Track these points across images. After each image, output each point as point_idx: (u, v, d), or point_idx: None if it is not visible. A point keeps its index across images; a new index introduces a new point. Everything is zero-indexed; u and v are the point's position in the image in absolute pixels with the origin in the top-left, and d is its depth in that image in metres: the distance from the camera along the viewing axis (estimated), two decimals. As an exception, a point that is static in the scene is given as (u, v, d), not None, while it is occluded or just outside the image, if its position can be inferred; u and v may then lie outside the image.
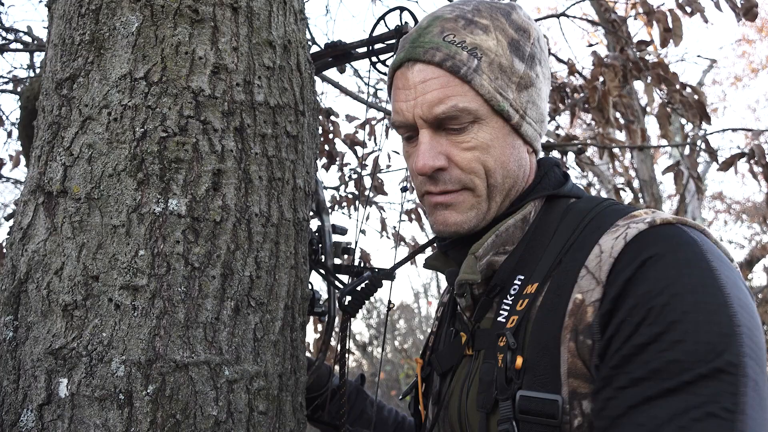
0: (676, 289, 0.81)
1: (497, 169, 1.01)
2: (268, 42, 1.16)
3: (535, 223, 1.03)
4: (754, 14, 2.84)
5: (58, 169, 1.04)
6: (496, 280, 1.00)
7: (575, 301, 0.88)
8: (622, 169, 9.37)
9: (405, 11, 1.38)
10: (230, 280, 1.04)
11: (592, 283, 0.88)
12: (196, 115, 1.06)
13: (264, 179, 1.11)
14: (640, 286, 0.83)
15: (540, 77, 1.06)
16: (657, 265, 0.84)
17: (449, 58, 0.99)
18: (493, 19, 1.03)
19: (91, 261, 0.99)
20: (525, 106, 1.03)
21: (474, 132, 1.00)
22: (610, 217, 0.95)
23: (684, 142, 3.55)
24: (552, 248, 0.97)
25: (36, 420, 0.94)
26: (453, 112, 0.98)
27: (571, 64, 3.42)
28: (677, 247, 0.85)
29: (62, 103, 1.08)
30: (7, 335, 1.01)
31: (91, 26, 1.08)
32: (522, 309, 0.93)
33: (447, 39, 1.00)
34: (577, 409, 0.86)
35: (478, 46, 1.00)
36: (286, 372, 1.11)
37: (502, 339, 0.93)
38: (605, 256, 0.89)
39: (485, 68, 0.99)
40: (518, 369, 0.89)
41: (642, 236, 0.87)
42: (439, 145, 1.01)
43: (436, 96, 0.99)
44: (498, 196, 1.03)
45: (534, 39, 1.06)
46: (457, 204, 1.03)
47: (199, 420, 0.96)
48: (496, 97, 0.99)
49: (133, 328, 0.96)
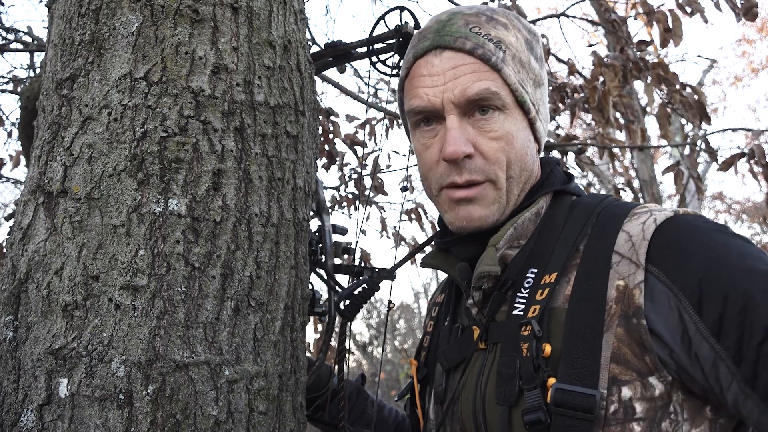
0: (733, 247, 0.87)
1: (517, 161, 1.03)
2: (268, 42, 1.16)
3: (544, 218, 1.05)
4: (754, 14, 2.84)
5: (58, 169, 1.04)
6: (508, 274, 1.01)
7: (618, 288, 0.90)
8: (622, 169, 9.36)
9: (405, 11, 1.38)
10: (230, 280, 1.04)
11: (630, 267, 0.90)
12: (196, 115, 1.06)
13: (264, 179, 1.11)
14: (700, 254, 0.87)
15: (545, 79, 1.10)
16: (702, 235, 0.89)
17: (479, 46, 1.01)
18: (510, 19, 1.08)
19: (91, 261, 0.99)
20: (539, 103, 1.07)
21: (501, 121, 1.02)
22: (623, 209, 0.98)
23: (684, 142, 3.55)
24: (564, 240, 0.99)
25: (36, 420, 0.94)
26: (486, 94, 1.00)
27: (571, 64, 3.42)
28: (709, 222, 0.92)
29: (62, 103, 1.08)
30: (7, 335, 1.01)
31: (91, 26, 1.08)
32: (543, 298, 0.94)
33: (473, 30, 1.03)
34: (615, 395, 0.87)
35: (502, 40, 1.03)
36: (286, 372, 1.11)
37: (525, 329, 0.93)
38: (637, 239, 0.91)
39: (510, 60, 1.03)
40: (547, 357, 0.90)
41: (673, 220, 0.92)
42: (466, 132, 1.02)
43: (468, 78, 1.00)
44: (515, 189, 1.05)
45: (541, 43, 1.11)
46: (481, 198, 1.03)
47: (199, 420, 0.96)
48: (520, 89, 1.03)
49: (133, 328, 0.96)
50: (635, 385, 0.87)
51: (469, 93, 1.00)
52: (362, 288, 1.27)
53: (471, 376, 1.02)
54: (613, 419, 0.86)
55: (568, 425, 0.85)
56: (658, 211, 0.94)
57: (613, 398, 0.87)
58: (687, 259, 0.87)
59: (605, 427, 0.86)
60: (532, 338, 0.91)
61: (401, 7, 1.38)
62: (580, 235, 0.98)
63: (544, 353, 0.90)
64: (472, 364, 1.04)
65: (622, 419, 0.86)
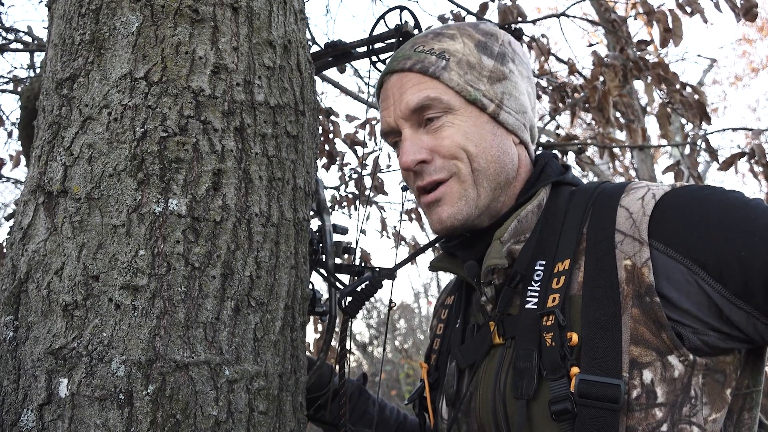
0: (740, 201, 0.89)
1: (479, 153, 1.06)
2: (268, 42, 1.16)
3: (545, 210, 1.06)
4: (754, 14, 2.84)
5: (58, 169, 1.04)
6: (517, 267, 1.02)
7: (626, 268, 0.90)
8: (622, 169, 9.36)
9: (405, 11, 1.38)
10: (230, 280, 1.04)
11: (635, 245, 0.91)
12: (196, 115, 1.06)
13: (264, 179, 1.11)
14: (709, 221, 0.88)
15: (515, 73, 1.12)
16: (703, 204, 0.90)
17: (418, 62, 1.09)
18: (460, 29, 1.13)
19: (91, 261, 0.99)
20: (500, 97, 1.09)
21: (450, 122, 1.06)
22: (618, 186, 1.01)
23: (684, 142, 3.55)
24: (568, 228, 1.00)
25: (36, 420, 0.94)
26: (426, 101, 1.06)
27: (571, 64, 3.42)
28: (706, 189, 0.92)
29: (62, 103, 1.08)
30: (8, 335, 1.01)
31: (92, 26, 1.08)
32: (561, 286, 0.95)
33: (417, 50, 1.11)
34: (637, 379, 0.87)
35: (446, 50, 1.09)
36: (286, 372, 1.11)
37: (548, 318, 0.93)
38: (638, 215, 0.92)
39: (454, 66, 1.08)
40: (573, 346, 0.90)
41: (672, 194, 0.93)
42: (420, 141, 1.08)
43: (409, 92, 1.08)
44: (485, 182, 1.06)
45: (503, 41, 1.14)
46: (446, 196, 1.07)
47: (199, 420, 0.96)
48: (467, 89, 1.07)
49: (134, 328, 0.96)
50: (655, 367, 0.87)
51: (411, 104, 1.07)
52: (364, 285, 1.27)
53: (489, 372, 1.02)
54: (637, 404, 0.86)
55: (594, 416, 0.85)
56: (656, 186, 0.95)
57: (635, 382, 0.87)
58: (692, 231, 0.88)
59: (629, 413, 0.86)
60: (556, 327, 0.92)
61: (401, 6, 1.38)
62: (582, 220, 1.00)
63: (571, 342, 0.90)
64: (489, 360, 1.04)
65: (645, 404, 0.86)
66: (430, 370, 1.21)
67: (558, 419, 0.87)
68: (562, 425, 0.87)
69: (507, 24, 3.24)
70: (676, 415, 0.86)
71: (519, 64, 1.14)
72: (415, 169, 1.08)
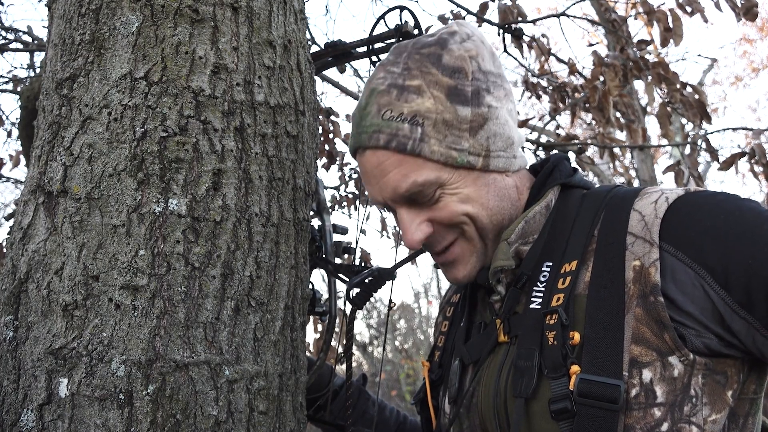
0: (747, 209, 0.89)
1: (480, 213, 1.03)
2: (268, 42, 1.16)
3: (554, 212, 1.06)
4: (754, 14, 2.84)
5: (58, 168, 1.04)
6: (524, 269, 1.02)
7: (635, 268, 0.90)
8: (622, 169, 9.35)
9: (405, 11, 1.38)
10: (230, 279, 1.04)
11: (645, 246, 0.90)
12: (196, 114, 1.06)
13: (264, 179, 1.11)
14: (717, 227, 0.88)
15: (494, 104, 1.04)
16: (714, 210, 0.89)
17: (393, 137, 0.99)
18: (424, 74, 1.01)
19: (91, 261, 0.99)
20: (486, 144, 1.02)
21: (443, 192, 1.02)
22: (633, 190, 0.99)
23: (684, 142, 3.55)
24: (578, 229, 1.00)
25: (36, 420, 0.94)
26: (416, 188, 1.00)
27: (572, 64, 3.42)
28: (719, 196, 0.92)
29: (62, 103, 1.08)
30: (7, 335, 1.01)
31: (91, 26, 1.08)
32: (566, 286, 0.95)
33: (385, 117, 1.00)
34: (636, 378, 0.87)
35: (417, 112, 0.99)
36: (286, 372, 1.11)
37: (551, 317, 0.93)
38: (650, 218, 0.92)
39: (431, 132, 0.99)
40: (575, 345, 0.90)
41: (684, 198, 0.92)
42: (418, 215, 1.03)
43: (393, 178, 1.00)
44: (491, 234, 1.06)
45: (472, 72, 1.03)
46: (458, 258, 1.06)
47: (199, 420, 0.96)
48: (451, 155, 1.00)
49: (134, 328, 0.96)
50: (655, 366, 0.87)
51: (400, 191, 1.00)
52: (372, 278, 1.26)
53: (492, 369, 1.03)
54: (635, 403, 0.86)
55: (593, 415, 0.86)
56: (670, 191, 0.95)
57: (634, 381, 0.87)
58: (703, 235, 0.88)
59: (627, 411, 0.86)
60: (559, 326, 0.92)
61: (401, 6, 1.38)
62: (593, 222, 0.99)
63: (573, 341, 0.90)
64: (493, 357, 1.04)
65: (644, 404, 0.86)
66: (433, 367, 1.21)
67: (557, 418, 0.88)
68: (561, 424, 0.88)
69: (507, 24, 3.24)
70: (677, 415, 0.86)
71: (496, 89, 1.05)
72: (420, 245, 1.06)
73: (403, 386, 9.67)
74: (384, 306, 10.89)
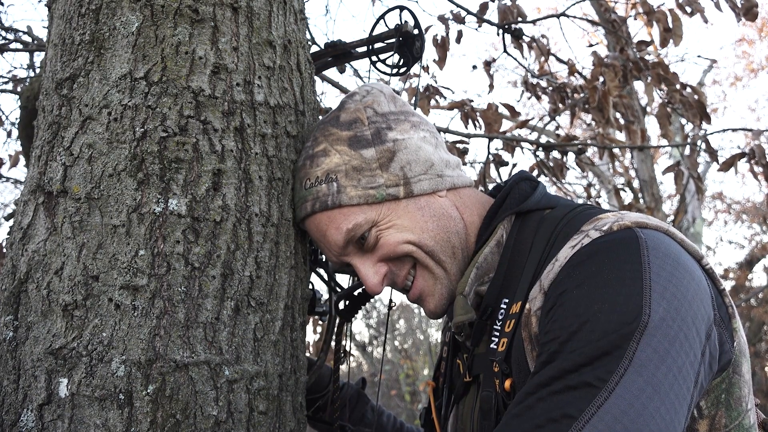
0: (586, 286, 0.84)
1: (421, 236, 1.06)
2: (268, 42, 1.16)
3: (511, 243, 1.04)
4: (754, 14, 2.84)
5: (58, 169, 1.04)
6: (486, 302, 1.03)
7: (525, 312, 0.91)
8: (622, 169, 9.37)
9: (405, 11, 1.38)
10: (230, 280, 1.04)
11: (537, 291, 0.91)
12: (196, 115, 1.06)
13: (264, 179, 1.11)
14: (559, 288, 0.87)
15: (399, 137, 1.10)
16: (581, 267, 0.86)
17: (316, 200, 1.08)
18: (327, 137, 1.11)
19: (91, 261, 0.99)
20: (402, 174, 1.08)
21: (378, 230, 1.07)
22: (579, 223, 0.95)
23: (684, 142, 3.55)
24: (529, 265, 0.98)
25: (36, 420, 0.94)
26: (348, 235, 1.07)
27: (571, 64, 3.42)
28: (611, 246, 0.87)
29: (62, 103, 1.08)
30: (7, 335, 1.01)
31: (91, 26, 1.08)
32: (510, 330, 0.96)
33: (306, 186, 1.11)
34: None
35: (329, 171, 1.08)
36: (286, 372, 1.11)
37: (495, 365, 0.95)
38: (557, 265, 0.91)
39: (344, 182, 1.07)
40: (507, 391, 0.92)
41: (591, 244, 0.88)
42: (369, 259, 1.10)
43: (331, 234, 1.08)
44: (442, 255, 1.07)
45: (368, 118, 1.11)
46: (424, 291, 1.10)
47: (199, 420, 0.96)
48: (370, 194, 1.06)
49: (133, 328, 0.96)
50: None
51: (340, 243, 1.08)
52: (362, 289, 1.27)
53: (467, 407, 1.06)
54: None
55: None
56: (595, 230, 0.90)
57: None
58: (558, 297, 0.87)
59: None
60: (501, 374, 0.94)
61: (401, 6, 1.38)
62: (540, 261, 0.97)
63: (505, 388, 0.93)
64: (468, 397, 1.07)
65: None
66: (437, 391, 1.22)
67: None
68: None
69: (507, 24, 3.24)
70: None
71: (396, 123, 1.11)
72: (384, 286, 1.11)
73: (402, 386, 9.66)
74: (384, 306, 10.88)
